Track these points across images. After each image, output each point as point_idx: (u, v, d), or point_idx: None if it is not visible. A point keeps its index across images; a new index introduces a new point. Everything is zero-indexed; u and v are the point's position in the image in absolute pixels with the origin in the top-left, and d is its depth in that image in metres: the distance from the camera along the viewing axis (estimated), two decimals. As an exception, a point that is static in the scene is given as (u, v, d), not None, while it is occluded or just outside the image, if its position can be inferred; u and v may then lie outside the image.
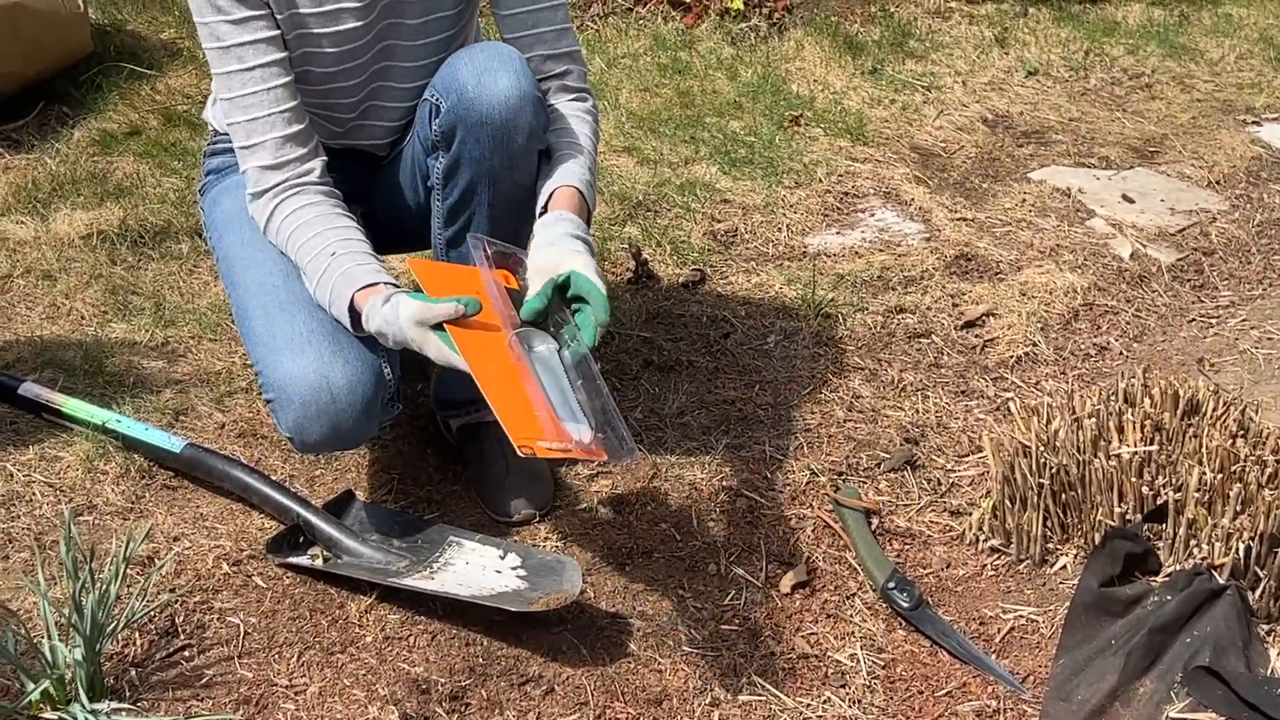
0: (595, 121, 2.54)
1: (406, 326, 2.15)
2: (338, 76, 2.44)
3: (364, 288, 2.25)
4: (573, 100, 2.53)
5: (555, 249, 2.25)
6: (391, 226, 2.63)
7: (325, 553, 2.42)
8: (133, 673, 2.19)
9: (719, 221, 3.70)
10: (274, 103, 2.34)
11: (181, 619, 2.31)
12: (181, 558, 2.43)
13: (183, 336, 3.06)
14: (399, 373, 2.39)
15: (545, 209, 2.36)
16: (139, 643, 2.25)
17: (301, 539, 2.45)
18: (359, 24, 2.38)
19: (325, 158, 2.43)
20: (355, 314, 2.27)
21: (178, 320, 3.11)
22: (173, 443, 2.59)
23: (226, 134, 2.52)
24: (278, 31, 2.34)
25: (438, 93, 2.38)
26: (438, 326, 2.13)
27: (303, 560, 2.41)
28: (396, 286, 2.25)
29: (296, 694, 2.19)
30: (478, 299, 2.14)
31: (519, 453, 1.98)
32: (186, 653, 2.25)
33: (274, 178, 2.37)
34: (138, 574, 2.36)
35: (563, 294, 2.22)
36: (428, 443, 2.77)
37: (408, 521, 2.52)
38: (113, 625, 2.15)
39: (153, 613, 2.29)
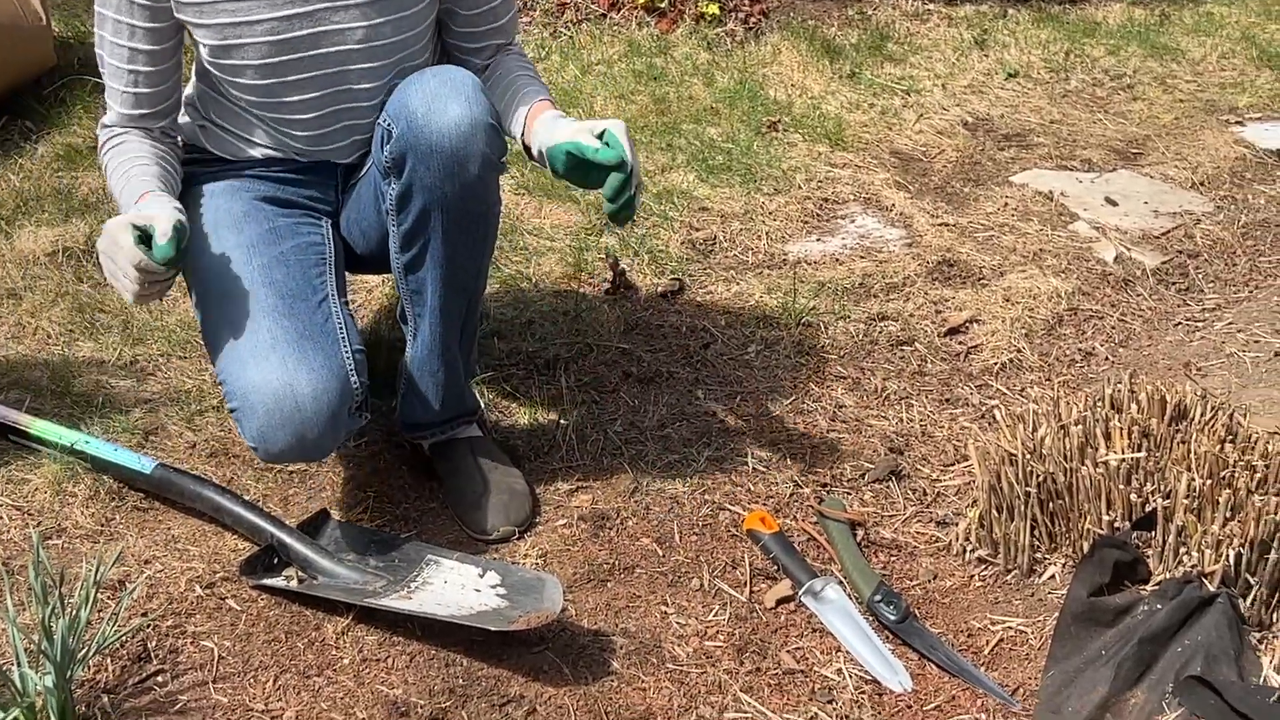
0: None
1: (112, 223, 2.21)
2: (280, 70, 2.41)
3: (139, 198, 2.33)
4: (506, 50, 2.62)
5: (574, 124, 2.33)
6: (362, 244, 2.60)
7: (300, 573, 2.38)
8: (105, 699, 2.15)
9: (697, 230, 3.67)
10: (133, 83, 2.44)
11: (154, 644, 2.27)
12: (153, 581, 2.39)
13: (151, 354, 3.02)
14: (366, 380, 2.36)
15: (525, 126, 2.44)
16: (111, 669, 2.21)
17: (276, 560, 2.41)
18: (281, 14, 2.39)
19: (174, 116, 2.53)
20: None
21: (146, 338, 3.07)
22: (143, 463, 2.55)
23: (189, 144, 2.56)
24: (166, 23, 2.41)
25: (389, 118, 2.35)
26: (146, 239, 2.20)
27: (277, 582, 2.38)
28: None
29: (273, 718, 2.15)
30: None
31: None
32: (160, 678, 2.21)
33: (117, 127, 2.49)
34: (109, 598, 2.32)
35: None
36: (403, 460, 2.73)
37: (384, 540, 2.48)
38: (84, 651, 2.10)
39: (125, 638, 2.25)
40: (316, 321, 2.35)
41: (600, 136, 2.31)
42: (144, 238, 2.19)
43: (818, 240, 3.68)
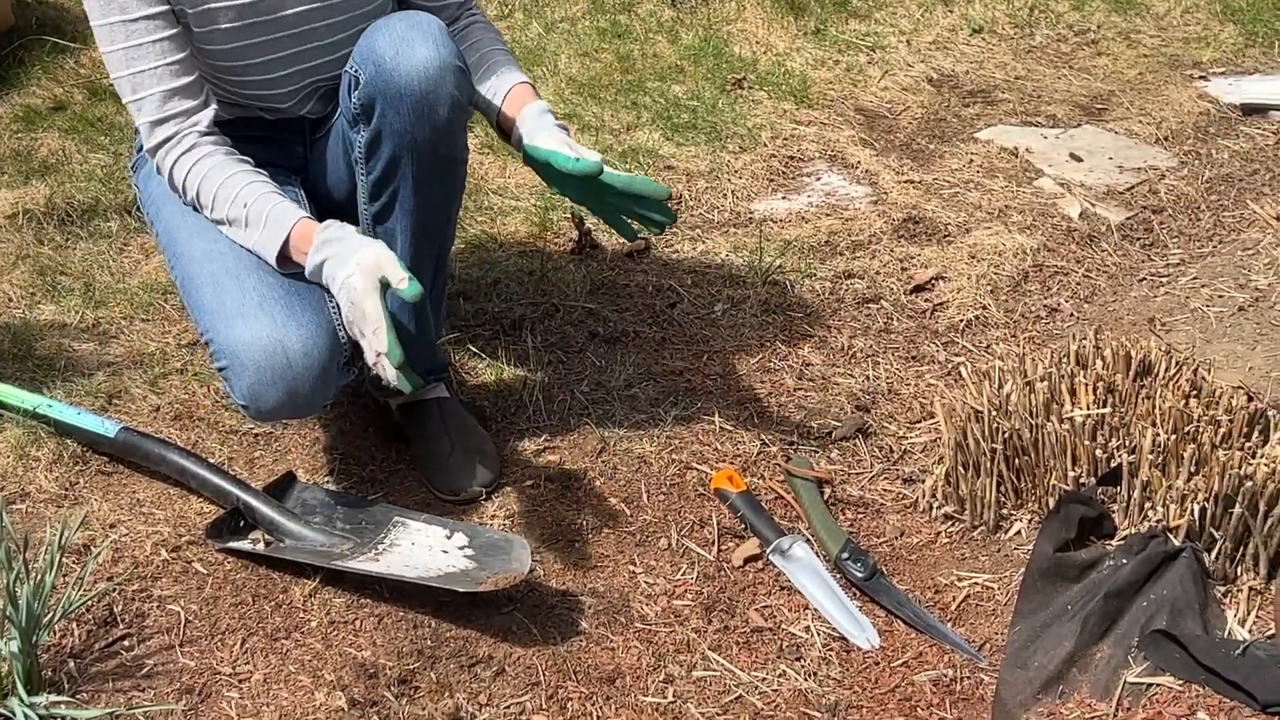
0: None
1: (358, 271, 2.15)
2: (248, 32, 2.38)
3: (297, 222, 2.28)
4: (469, 15, 2.59)
5: (562, 137, 2.38)
6: (327, 201, 2.58)
7: (267, 536, 2.38)
8: (71, 664, 2.14)
9: (663, 188, 3.65)
10: (160, 55, 2.31)
11: (120, 608, 2.26)
12: (118, 545, 2.38)
13: (114, 317, 2.99)
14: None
15: (503, 105, 2.46)
16: (77, 633, 2.20)
17: (242, 523, 2.40)
18: None
19: (215, 108, 2.40)
20: (283, 254, 2.28)
21: (109, 300, 3.04)
22: (106, 427, 2.53)
23: None
24: None
25: (356, 64, 2.33)
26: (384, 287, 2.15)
27: (244, 545, 2.37)
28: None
29: (240, 682, 2.15)
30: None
31: None
32: (126, 642, 2.20)
33: (162, 132, 2.34)
34: (74, 563, 2.31)
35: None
36: (370, 421, 2.72)
37: (351, 502, 2.47)
38: (49, 616, 2.09)
39: (90, 602, 2.24)
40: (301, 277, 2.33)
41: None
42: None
43: (784, 198, 3.67)
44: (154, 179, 2.51)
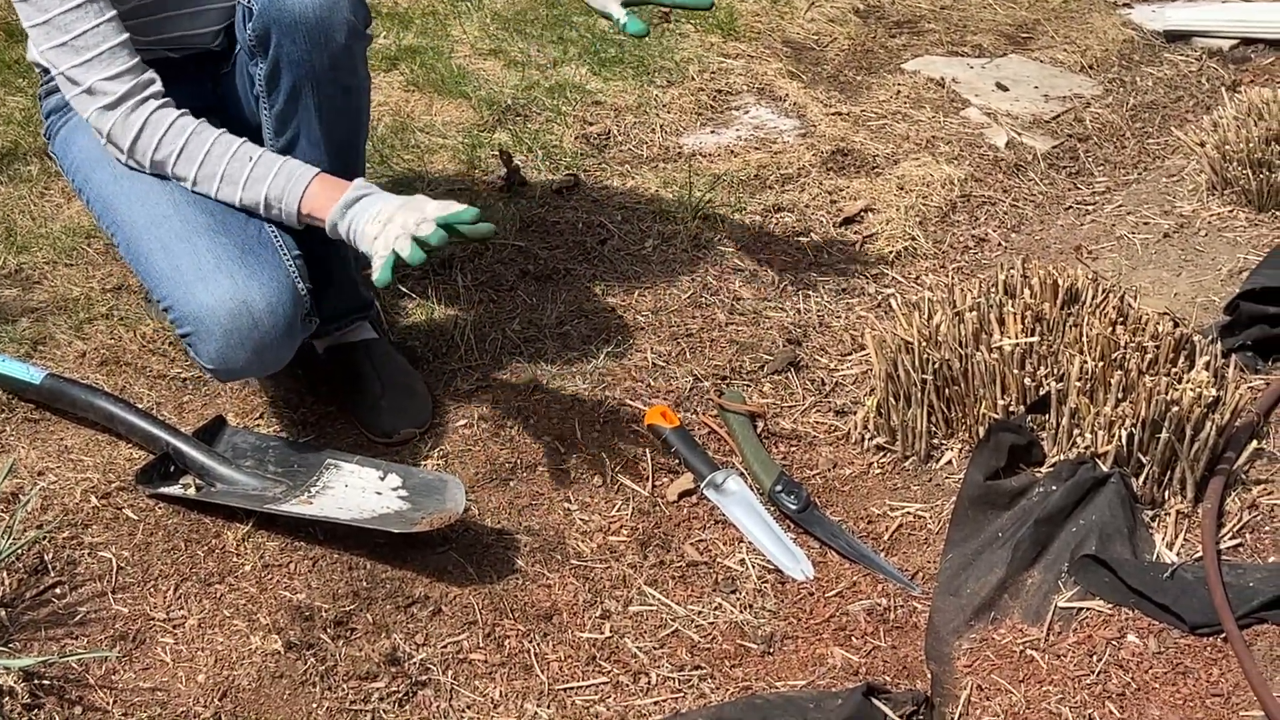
0: None
1: (412, 213, 2.12)
2: None
3: (316, 176, 2.26)
4: None
5: None
6: (244, 136, 2.54)
7: (198, 481, 2.36)
8: (2, 613, 2.11)
9: (591, 124, 3.64)
10: (99, 14, 2.24)
11: (51, 555, 2.23)
12: (48, 492, 2.35)
13: (37, 262, 2.94)
14: (310, 285, 2.32)
15: None
16: (8, 582, 2.17)
17: (172, 468, 2.38)
18: None
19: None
20: (299, 210, 2.26)
21: (31, 246, 2.99)
22: (32, 374, 2.50)
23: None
24: None
25: None
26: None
27: (174, 490, 2.35)
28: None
29: (175, 627, 2.14)
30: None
31: None
32: (58, 590, 2.18)
33: (121, 86, 2.27)
34: (2, 511, 2.28)
35: None
36: (299, 363, 2.68)
37: (282, 445, 2.46)
38: (-22, 566, 2.07)
39: (20, 550, 2.21)
40: (251, 233, 2.28)
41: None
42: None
43: (712, 132, 3.66)
44: (73, 145, 2.45)
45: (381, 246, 2.12)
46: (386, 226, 2.12)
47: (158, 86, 2.30)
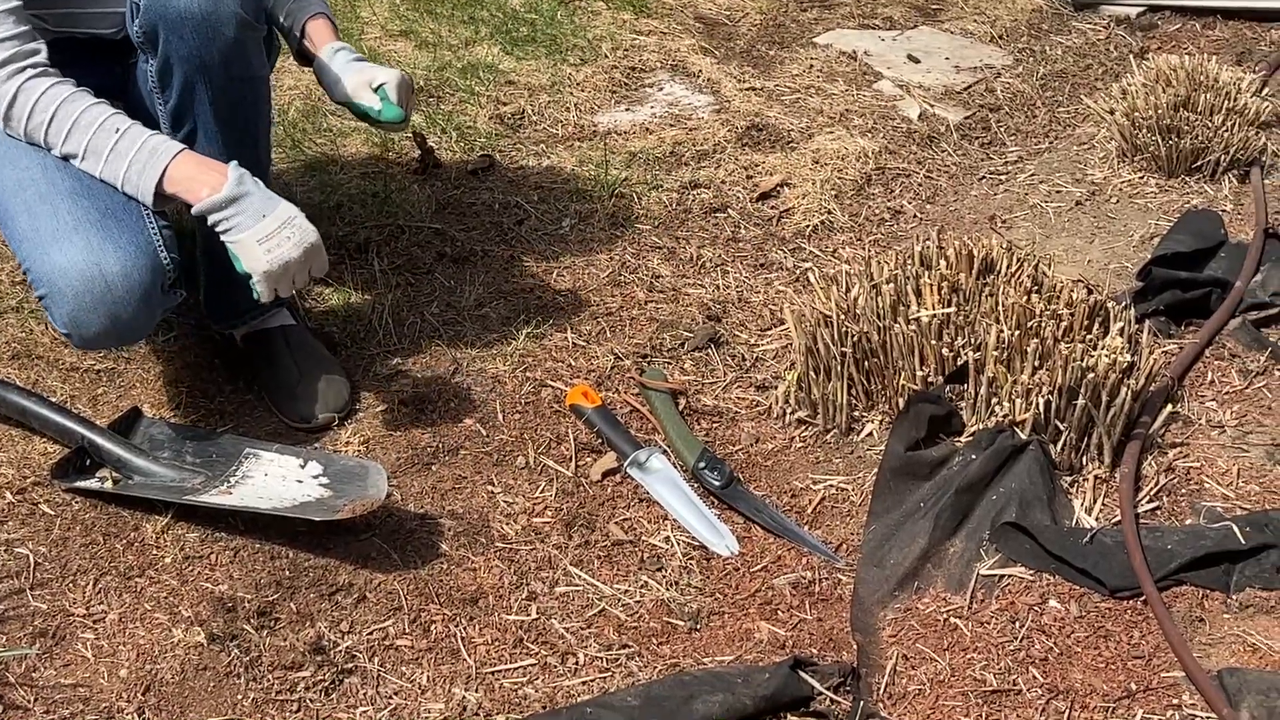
0: None
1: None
2: None
3: (181, 154, 2.22)
4: None
5: (359, 72, 2.51)
6: (150, 123, 2.49)
7: (114, 474, 2.33)
8: (-83, 613, 2.09)
9: (505, 104, 3.62)
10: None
11: (-34, 554, 2.20)
12: (-40, 491, 2.32)
13: (-57, 256, 2.89)
14: (180, 258, 2.28)
15: (303, 38, 2.56)
16: (-79, 582, 2.14)
17: (88, 462, 2.35)
18: None
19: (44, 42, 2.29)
20: (160, 190, 2.21)
21: (-63, 239, 2.94)
22: (-59, 371, 2.46)
23: None
24: None
25: None
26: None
27: (91, 484, 2.32)
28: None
29: (95, 622, 2.11)
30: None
31: None
32: (-27, 589, 2.15)
33: (1, 53, 2.22)
34: (-86, 511, 2.25)
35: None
36: (215, 353, 2.67)
37: (200, 436, 2.43)
38: (-110, 567, 2.04)
39: (-67, 551, 2.18)
40: (118, 199, 2.24)
41: (378, 90, 2.51)
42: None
43: (627, 110, 3.65)
44: None
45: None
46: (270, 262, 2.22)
47: (41, 58, 2.25)
